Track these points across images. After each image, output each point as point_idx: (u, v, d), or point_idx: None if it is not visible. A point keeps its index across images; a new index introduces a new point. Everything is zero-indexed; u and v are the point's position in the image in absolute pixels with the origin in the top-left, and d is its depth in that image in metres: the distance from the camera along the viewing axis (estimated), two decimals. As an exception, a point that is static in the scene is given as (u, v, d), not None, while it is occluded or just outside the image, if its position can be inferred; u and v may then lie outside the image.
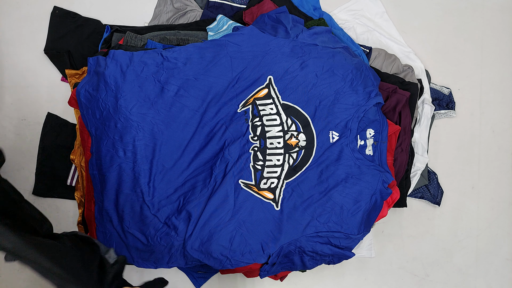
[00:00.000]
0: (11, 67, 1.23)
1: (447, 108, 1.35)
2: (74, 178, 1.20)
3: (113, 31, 1.11)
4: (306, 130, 1.01)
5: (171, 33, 1.12)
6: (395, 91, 1.13)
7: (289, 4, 1.24)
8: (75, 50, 1.22)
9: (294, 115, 1.01)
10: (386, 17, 1.35)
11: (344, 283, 1.30)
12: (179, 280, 1.24)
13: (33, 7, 1.24)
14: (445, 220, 1.36)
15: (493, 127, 1.39)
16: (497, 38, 1.40)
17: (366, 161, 1.01)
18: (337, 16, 1.33)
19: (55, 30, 1.22)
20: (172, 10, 1.24)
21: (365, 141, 1.02)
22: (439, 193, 1.32)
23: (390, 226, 1.32)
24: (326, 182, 1.00)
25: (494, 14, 1.40)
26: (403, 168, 1.15)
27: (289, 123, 1.01)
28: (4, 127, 1.22)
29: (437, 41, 1.38)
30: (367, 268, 1.31)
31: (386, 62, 1.24)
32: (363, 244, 1.28)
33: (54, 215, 1.22)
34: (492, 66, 1.40)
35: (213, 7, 1.24)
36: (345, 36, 1.25)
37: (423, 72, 1.30)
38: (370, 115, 1.02)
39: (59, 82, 1.23)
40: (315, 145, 1.01)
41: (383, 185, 1.00)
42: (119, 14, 1.26)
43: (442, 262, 1.35)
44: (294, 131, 1.00)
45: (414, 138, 1.25)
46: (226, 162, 0.97)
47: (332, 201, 0.98)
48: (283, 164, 1.00)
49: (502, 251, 1.38)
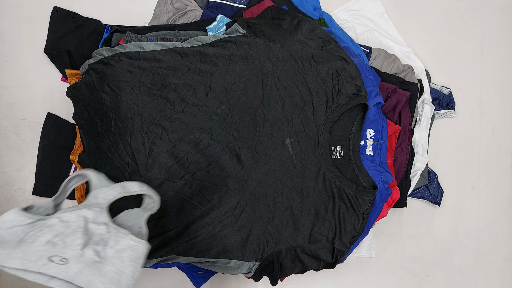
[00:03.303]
0: (11, 67, 1.23)
1: (447, 108, 1.35)
2: (74, 178, 1.20)
3: (113, 31, 1.11)
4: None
5: (171, 33, 1.12)
6: (395, 91, 1.13)
7: (289, 4, 1.24)
8: (75, 50, 1.22)
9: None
10: (386, 17, 1.35)
11: (344, 283, 1.30)
12: (179, 280, 1.24)
13: (33, 7, 1.24)
14: (445, 220, 1.36)
15: (493, 127, 1.39)
16: (497, 38, 1.40)
17: (366, 161, 1.01)
18: (337, 16, 1.33)
19: (55, 30, 1.22)
20: (172, 10, 1.24)
21: (365, 141, 1.02)
22: (439, 193, 1.32)
23: (390, 226, 1.32)
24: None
25: (494, 14, 1.40)
26: (403, 168, 1.15)
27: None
28: (4, 127, 1.22)
29: (437, 41, 1.38)
30: (367, 268, 1.31)
31: (386, 62, 1.24)
32: (363, 244, 1.28)
33: (54, 215, 1.22)
34: (492, 66, 1.40)
35: (213, 7, 1.24)
36: (345, 36, 1.25)
37: (423, 72, 1.30)
38: (370, 115, 1.03)
39: (59, 82, 1.24)
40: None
41: (383, 185, 1.00)
42: (119, 14, 1.26)
43: (442, 262, 1.35)
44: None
45: (414, 138, 1.25)
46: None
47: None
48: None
49: (502, 251, 1.38)
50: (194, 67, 0.94)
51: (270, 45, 0.94)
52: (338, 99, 0.93)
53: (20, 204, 1.21)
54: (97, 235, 0.63)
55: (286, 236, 0.94)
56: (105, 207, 0.68)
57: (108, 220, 0.65)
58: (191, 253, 0.95)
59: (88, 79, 0.96)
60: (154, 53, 0.95)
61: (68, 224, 0.62)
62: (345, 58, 0.95)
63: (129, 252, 0.63)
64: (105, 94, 0.93)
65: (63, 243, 0.60)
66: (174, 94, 0.93)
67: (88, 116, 0.98)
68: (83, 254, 0.59)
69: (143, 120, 0.93)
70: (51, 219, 0.63)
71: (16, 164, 1.22)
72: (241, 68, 0.93)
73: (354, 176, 0.96)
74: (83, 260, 0.59)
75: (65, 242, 0.60)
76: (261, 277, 0.99)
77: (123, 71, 0.93)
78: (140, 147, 0.93)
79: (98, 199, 0.71)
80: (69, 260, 0.58)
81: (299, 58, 0.94)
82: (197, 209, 0.93)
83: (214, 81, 0.93)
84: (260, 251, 0.95)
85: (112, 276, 0.59)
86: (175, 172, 0.94)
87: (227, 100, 0.93)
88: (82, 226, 0.62)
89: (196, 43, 0.97)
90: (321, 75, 0.94)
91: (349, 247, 0.95)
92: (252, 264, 0.97)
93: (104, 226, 0.64)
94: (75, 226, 0.62)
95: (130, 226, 0.71)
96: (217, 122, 0.94)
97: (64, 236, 0.61)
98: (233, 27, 0.98)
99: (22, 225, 0.63)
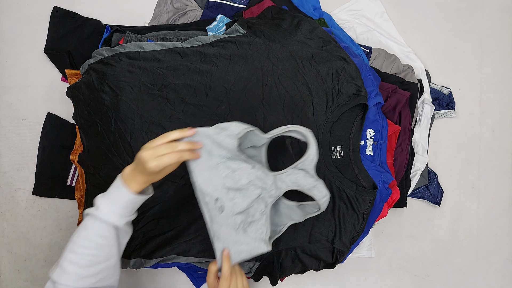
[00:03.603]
0: (11, 67, 1.23)
1: (447, 108, 1.35)
2: (74, 178, 1.20)
3: (113, 31, 1.11)
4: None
5: (171, 33, 1.12)
6: (395, 91, 1.13)
7: (289, 4, 1.24)
8: (75, 50, 1.22)
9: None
10: (386, 17, 1.35)
11: (344, 283, 1.30)
12: (179, 280, 1.24)
13: (33, 7, 1.24)
14: (445, 220, 1.36)
15: (493, 127, 1.39)
16: (497, 38, 1.40)
17: (366, 161, 1.01)
18: (337, 16, 1.33)
19: (55, 30, 1.22)
20: (172, 10, 1.24)
21: (365, 141, 1.02)
22: (439, 193, 1.32)
23: (390, 226, 1.32)
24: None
25: (494, 14, 1.40)
26: (403, 168, 1.15)
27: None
28: (4, 127, 1.22)
29: (437, 41, 1.38)
30: (367, 268, 1.31)
31: (386, 62, 1.24)
32: (363, 244, 1.28)
33: (54, 215, 1.22)
34: (492, 66, 1.40)
35: (213, 7, 1.24)
36: (345, 36, 1.25)
37: (423, 72, 1.30)
38: (370, 115, 1.02)
39: (59, 82, 1.24)
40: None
41: (383, 185, 1.00)
42: (119, 14, 1.26)
43: (442, 262, 1.35)
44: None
45: (414, 138, 1.25)
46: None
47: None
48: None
49: (502, 251, 1.38)
50: (194, 67, 0.94)
51: (270, 45, 0.94)
52: (338, 99, 0.93)
53: (20, 204, 1.21)
54: (253, 215, 0.77)
55: (286, 236, 0.94)
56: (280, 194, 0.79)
57: (268, 212, 0.78)
58: (191, 253, 0.95)
59: (88, 79, 0.96)
60: (154, 53, 0.95)
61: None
62: (345, 58, 0.95)
63: (250, 247, 0.77)
64: (105, 94, 0.93)
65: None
66: (174, 94, 0.93)
67: (88, 116, 0.98)
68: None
69: (143, 120, 0.93)
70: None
71: (16, 164, 1.22)
72: (241, 68, 0.93)
73: (354, 176, 0.96)
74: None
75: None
76: (261, 277, 0.99)
77: (123, 71, 0.93)
78: (140, 147, 0.93)
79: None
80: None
81: (299, 58, 0.94)
82: (197, 209, 0.93)
83: (214, 81, 0.93)
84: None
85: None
86: (175, 172, 0.94)
87: (227, 100, 0.93)
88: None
89: (196, 43, 0.97)
90: (321, 75, 0.94)
91: (349, 247, 0.95)
92: (252, 264, 0.97)
93: (262, 213, 0.77)
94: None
95: (279, 220, 0.85)
96: (217, 122, 0.94)
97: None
98: (233, 27, 0.98)
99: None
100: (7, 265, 1.21)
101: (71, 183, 1.20)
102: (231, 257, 0.76)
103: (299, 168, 0.78)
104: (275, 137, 0.79)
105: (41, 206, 1.22)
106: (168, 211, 0.95)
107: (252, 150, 0.82)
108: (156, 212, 0.95)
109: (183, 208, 0.95)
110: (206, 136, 0.73)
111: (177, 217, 0.95)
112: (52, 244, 1.22)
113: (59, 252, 1.22)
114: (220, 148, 0.74)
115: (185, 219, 0.94)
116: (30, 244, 1.22)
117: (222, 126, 0.74)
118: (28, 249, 1.22)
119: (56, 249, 1.22)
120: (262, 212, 0.77)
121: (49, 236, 1.22)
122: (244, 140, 0.79)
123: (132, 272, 1.21)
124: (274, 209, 0.85)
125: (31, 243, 1.22)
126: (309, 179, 0.78)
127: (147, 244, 0.94)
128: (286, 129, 0.77)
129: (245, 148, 0.81)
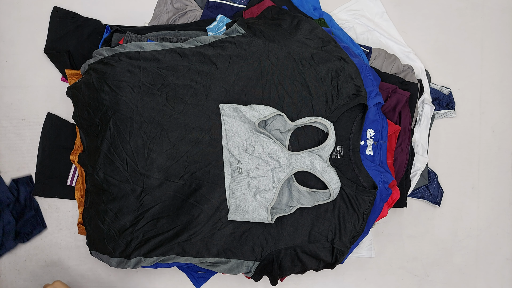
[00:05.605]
0: (11, 67, 1.23)
1: (447, 108, 1.35)
2: (74, 178, 1.20)
3: (113, 31, 1.11)
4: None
5: (171, 33, 1.12)
6: (395, 91, 1.13)
7: (289, 4, 1.24)
8: (75, 50, 1.22)
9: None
10: (386, 17, 1.35)
11: (344, 283, 1.30)
12: (179, 280, 1.24)
13: (33, 7, 1.24)
14: (445, 220, 1.36)
15: (493, 127, 1.39)
16: (497, 38, 1.40)
17: (366, 161, 1.01)
18: (337, 16, 1.33)
19: (55, 30, 1.22)
20: (172, 10, 1.24)
21: (365, 141, 1.02)
22: (439, 193, 1.32)
23: (390, 226, 1.32)
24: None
25: (494, 14, 1.40)
26: (403, 168, 1.15)
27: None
28: (4, 127, 1.23)
29: (437, 41, 1.38)
30: (367, 268, 1.31)
31: (386, 62, 1.24)
32: (363, 244, 1.28)
33: (54, 215, 1.23)
34: (492, 66, 1.39)
35: (213, 7, 1.24)
36: (345, 36, 1.25)
37: (423, 72, 1.30)
38: (370, 115, 1.02)
39: (59, 82, 1.24)
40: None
41: (383, 185, 1.00)
42: (119, 14, 1.26)
43: (442, 262, 1.35)
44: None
45: (414, 138, 1.25)
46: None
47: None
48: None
49: (502, 251, 1.38)
50: (194, 67, 0.94)
51: (269, 46, 0.94)
52: (337, 99, 0.93)
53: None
54: (265, 184, 0.90)
55: (286, 236, 0.94)
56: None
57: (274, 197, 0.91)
58: (191, 253, 0.95)
59: (88, 79, 0.96)
60: (154, 53, 0.95)
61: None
62: (345, 58, 0.95)
63: (254, 210, 0.90)
64: (105, 94, 0.93)
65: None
66: (174, 94, 0.93)
67: (88, 116, 0.98)
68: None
69: (142, 120, 0.93)
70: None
71: (16, 164, 1.22)
72: (241, 68, 0.94)
73: (354, 176, 0.96)
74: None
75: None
76: (261, 277, 0.99)
77: (123, 71, 0.93)
78: (140, 147, 0.93)
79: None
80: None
81: (299, 58, 0.94)
82: (196, 209, 0.93)
83: (214, 81, 0.93)
84: (260, 250, 0.95)
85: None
86: (175, 171, 0.94)
87: (227, 101, 0.93)
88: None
89: (196, 44, 0.97)
90: (320, 76, 0.94)
91: (349, 247, 0.95)
92: (251, 264, 0.97)
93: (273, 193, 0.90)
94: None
95: (289, 201, 0.93)
96: (217, 122, 0.94)
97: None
98: (233, 27, 0.98)
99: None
100: (7, 265, 1.22)
101: (71, 183, 1.20)
102: (237, 215, 0.90)
103: (315, 153, 0.90)
104: (300, 126, 0.92)
105: (41, 206, 1.22)
106: (168, 211, 0.95)
107: (277, 133, 0.93)
108: (156, 212, 0.95)
109: (183, 208, 0.95)
110: (239, 110, 0.88)
111: (176, 217, 0.95)
112: (52, 244, 1.23)
113: (59, 252, 1.23)
114: (248, 122, 0.89)
115: (184, 219, 0.95)
116: (30, 244, 1.22)
117: (254, 107, 0.89)
118: (28, 249, 1.22)
119: (56, 249, 1.23)
120: (273, 184, 0.89)
121: (49, 236, 1.22)
122: (273, 121, 0.92)
123: (132, 272, 1.22)
124: (286, 192, 0.94)
125: (31, 243, 1.22)
126: (322, 163, 0.90)
127: (146, 244, 0.94)
128: (312, 120, 0.90)
129: (272, 129, 0.93)
